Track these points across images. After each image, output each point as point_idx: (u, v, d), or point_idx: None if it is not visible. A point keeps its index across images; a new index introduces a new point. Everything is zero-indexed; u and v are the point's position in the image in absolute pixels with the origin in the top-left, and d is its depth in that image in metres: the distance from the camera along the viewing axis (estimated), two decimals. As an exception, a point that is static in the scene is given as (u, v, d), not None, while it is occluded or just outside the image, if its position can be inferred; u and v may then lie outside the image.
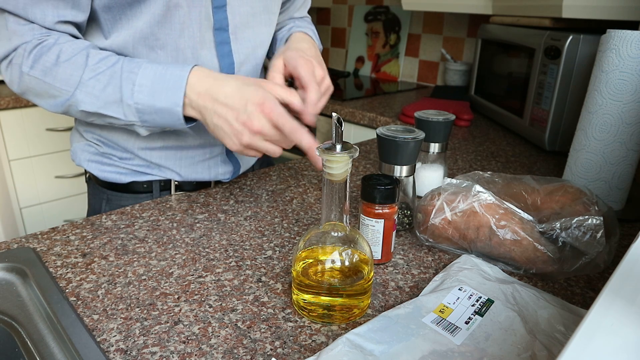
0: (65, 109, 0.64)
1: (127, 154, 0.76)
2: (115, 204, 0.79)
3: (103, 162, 0.77)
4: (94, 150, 0.77)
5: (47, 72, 0.61)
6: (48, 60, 0.60)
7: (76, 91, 0.61)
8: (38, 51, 0.60)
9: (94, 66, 0.61)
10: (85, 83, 0.61)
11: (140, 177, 0.78)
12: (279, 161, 1.05)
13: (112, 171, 0.77)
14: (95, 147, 0.77)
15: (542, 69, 1.04)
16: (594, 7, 0.95)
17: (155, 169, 0.77)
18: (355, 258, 0.49)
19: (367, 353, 0.41)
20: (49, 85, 0.61)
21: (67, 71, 0.61)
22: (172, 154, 0.76)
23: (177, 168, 0.77)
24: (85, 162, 0.78)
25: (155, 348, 0.44)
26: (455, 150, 1.06)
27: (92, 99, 0.62)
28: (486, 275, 0.54)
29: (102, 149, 0.76)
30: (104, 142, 0.76)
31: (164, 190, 0.79)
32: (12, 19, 0.59)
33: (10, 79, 0.64)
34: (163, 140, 0.75)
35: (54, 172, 1.82)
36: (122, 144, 0.75)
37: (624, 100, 0.69)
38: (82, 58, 0.61)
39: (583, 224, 0.55)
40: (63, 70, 0.61)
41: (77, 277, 0.55)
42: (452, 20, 1.89)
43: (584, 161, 0.75)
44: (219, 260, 0.59)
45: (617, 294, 0.32)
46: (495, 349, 0.43)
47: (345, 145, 0.45)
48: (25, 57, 0.61)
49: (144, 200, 0.79)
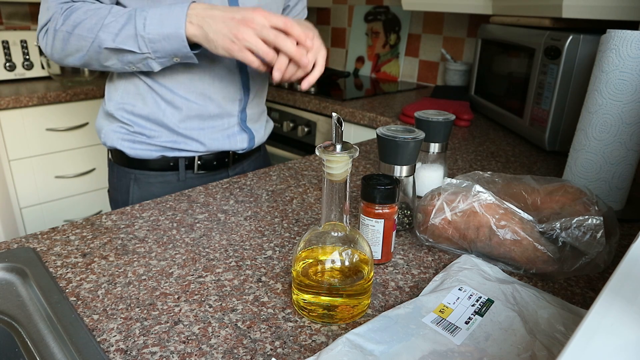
0: (91, 55, 0.76)
1: (156, 131, 0.86)
2: (144, 182, 0.90)
3: (135, 140, 0.87)
4: (125, 131, 0.87)
5: (75, 25, 0.74)
6: (77, 16, 0.74)
7: (99, 32, 0.73)
8: (68, 12, 0.74)
9: (114, 13, 0.74)
10: (107, 25, 0.73)
11: (168, 153, 0.88)
12: (279, 161, 1.05)
13: (143, 149, 0.87)
14: (126, 128, 0.87)
15: (542, 69, 1.04)
16: (594, 7, 0.95)
17: (181, 143, 0.87)
18: (355, 258, 0.49)
19: (367, 353, 0.41)
20: (77, 35, 0.74)
21: (92, 20, 0.73)
22: (197, 125, 0.88)
23: (201, 138, 0.88)
24: (117, 141, 0.87)
25: (155, 348, 0.44)
26: (455, 150, 1.06)
27: (112, 36, 0.73)
28: (486, 275, 0.54)
29: (133, 128, 0.86)
30: (135, 122, 0.86)
31: (188, 169, 0.90)
32: None
33: (46, 44, 0.78)
34: (189, 109, 0.86)
35: (54, 172, 1.82)
36: (153, 118, 0.85)
37: (624, 100, 0.69)
38: (105, 10, 0.74)
39: (583, 224, 0.55)
40: (89, 20, 0.73)
41: (77, 277, 0.55)
42: (452, 20, 1.89)
43: (584, 161, 0.75)
44: (219, 260, 0.59)
45: (617, 294, 0.32)
46: (495, 349, 0.43)
47: (345, 145, 0.45)
48: (58, 19, 0.75)
49: (170, 177, 0.90)
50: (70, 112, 1.79)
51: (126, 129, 0.87)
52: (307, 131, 1.67)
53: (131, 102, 0.86)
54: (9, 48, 1.81)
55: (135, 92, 0.85)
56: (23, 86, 1.79)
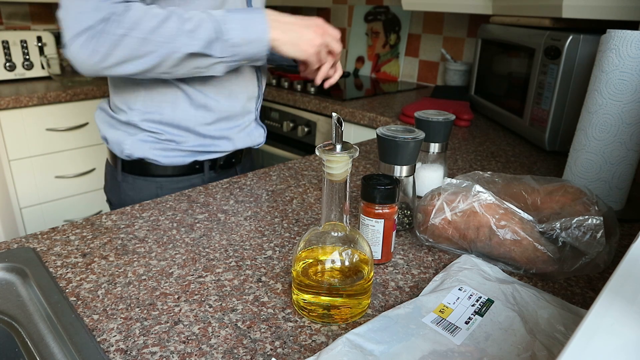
0: (161, 60, 0.72)
1: (183, 136, 0.86)
2: (169, 188, 0.89)
3: (166, 148, 0.86)
4: (155, 139, 0.85)
5: (152, 31, 0.70)
6: (145, 19, 0.70)
7: (180, 37, 0.71)
8: (131, 17, 0.69)
9: (185, 18, 0.72)
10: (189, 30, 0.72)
11: (198, 157, 0.89)
12: (279, 161, 1.06)
13: (175, 155, 0.87)
14: (155, 136, 0.85)
15: (542, 69, 1.04)
16: (594, 7, 0.95)
17: (209, 145, 0.89)
18: (355, 258, 0.49)
19: (367, 353, 0.41)
20: (151, 40, 0.70)
21: (169, 24, 0.71)
22: (225, 125, 0.90)
23: (231, 136, 0.91)
24: (149, 151, 0.86)
25: (155, 348, 0.44)
26: (455, 150, 1.06)
27: (197, 41, 0.72)
28: (486, 275, 0.54)
29: (163, 136, 0.85)
30: (164, 130, 0.85)
31: (211, 170, 0.92)
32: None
33: (92, 50, 0.69)
34: (220, 111, 0.87)
35: (54, 172, 1.82)
36: (182, 124, 0.85)
37: (624, 100, 0.69)
38: (175, 15, 0.72)
39: (583, 224, 0.55)
40: (166, 26, 0.70)
41: (77, 277, 0.55)
42: (452, 20, 1.89)
43: (584, 161, 0.75)
44: (219, 260, 0.59)
45: (617, 294, 0.32)
46: (495, 349, 0.43)
47: (345, 145, 0.45)
48: (121, 23, 0.68)
49: (195, 180, 0.91)
50: (70, 112, 1.79)
51: (155, 137, 0.85)
52: (307, 131, 1.67)
53: (158, 110, 0.84)
54: (9, 48, 1.81)
55: (161, 99, 0.84)
56: (23, 86, 1.79)
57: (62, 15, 0.69)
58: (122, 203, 0.91)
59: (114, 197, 0.94)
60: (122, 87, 0.85)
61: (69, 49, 0.70)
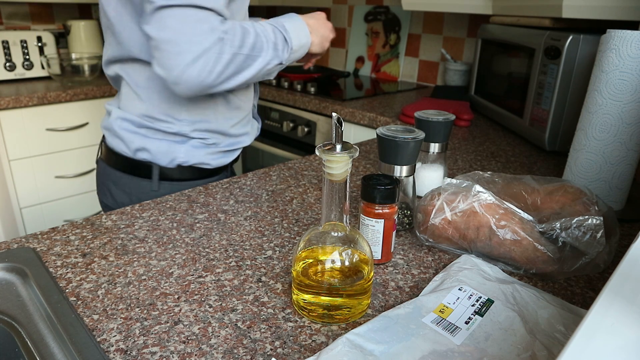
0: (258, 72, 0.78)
1: (218, 138, 0.90)
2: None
3: (214, 151, 0.91)
4: (204, 144, 0.89)
5: (252, 46, 0.76)
6: (248, 39, 0.75)
7: (270, 50, 0.78)
8: (236, 34, 0.74)
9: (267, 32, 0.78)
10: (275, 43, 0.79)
11: (230, 156, 0.95)
12: (279, 161, 1.06)
13: (219, 157, 0.92)
14: (204, 142, 0.89)
15: (542, 69, 1.04)
16: (594, 7, 0.95)
17: (235, 143, 0.94)
18: (355, 258, 0.49)
19: (367, 353, 0.41)
20: (253, 56, 0.76)
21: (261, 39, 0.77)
22: (246, 122, 0.96)
23: (248, 131, 0.97)
24: (204, 157, 0.90)
25: (155, 348, 0.44)
26: (455, 150, 1.06)
27: (279, 53, 0.80)
28: (486, 275, 0.54)
29: (209, 141, 0.89)
30: (208, 136, 0.89)
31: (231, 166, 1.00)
32: (211, 14, 0.70)
33: (211, 70, 0.72)
34: (246, 110, 0.94)
35: (54, 172, 1.82)
36: (219, 128, 0.89)
37: (624, 100, 0.69)
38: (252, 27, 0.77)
39: (583, 224, 0.55)
40: (259, 41, 0.77)
41: (77, 277, 0.55)
42: (452, 20, 1.89)
43: (584, 161, 0.75)
44: (219, 260, 0.59)
45: (617, 294, 0.32)
46: (495, 349, 0.43)
47: (345, 145, 0.45)
48: (232, 42, 0.73)
49: (222, 177, 0.96)
50: (70, 112, 1.79)
51: (203, 143, 0.89)
52: (307, 131, 1.67)
53: (205, 119, 0.87)
54: (9, 48, 1.81)
55: (205, 106, 0.86)
56: (23, 86, 1.79)
57: (170, 38, 0.68)
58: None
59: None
60: (163, 98, 0.84)
61: (185, 72, 0.70)
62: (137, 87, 0.84)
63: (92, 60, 1.93)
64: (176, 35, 0.68)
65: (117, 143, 0.88)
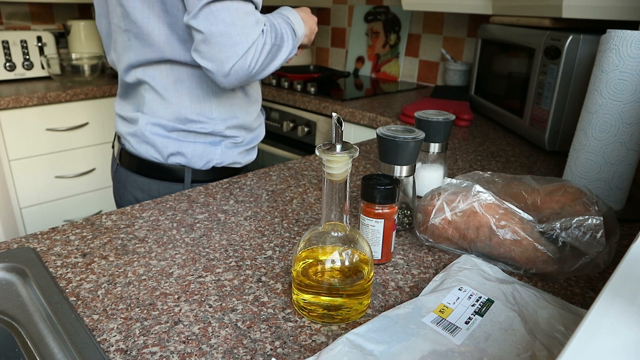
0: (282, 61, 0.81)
1: (244, 136, 0.92)
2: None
3: (244, 150, 0.94)
4: (234, 144, 0.91)
5: (280, 37, 0.79)
6: (278, 30, 0.79)
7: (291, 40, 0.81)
8: (271, 26, 0.78)
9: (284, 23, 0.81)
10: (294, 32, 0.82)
11: (255, 152, 0.98)
12: (279, 161, 1.06)
13: (246, 155, 0.95)
14: (234, 140, 0.91)
15: (542, 69, 1.04)
16: (594, 7, 0.95)
17: (256, 139, 0.97)
18: (355, 258, 0.49)
19: (367, 353, 0.41)
20: (281, 46, 0.79)
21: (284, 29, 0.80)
22: (260, 114, 0.98)
23: (262, 122, 0.99)
24: (236, 156, 0.92)
25: (155, 348, 0.44)
26: (455, 150, 1.06)
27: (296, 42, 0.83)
28: (486, 275, 0.54)
29: (238, 139, 0.91)
30: (239, 134, 0.91)
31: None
32: (254, 8, 0.74)
33: (257, 59, 0.75)
34: (260, 102, 0.96)
35: (54, 172, 1.82)
36: (248, 123, 0.92)
37: (624, 100, 0.69)
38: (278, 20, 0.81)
39: (583, 224, 0.55)
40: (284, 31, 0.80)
41: (77, 277, 0.55)
42: (452, 20, 1.89)
43: (584, 161, 0.75)
44: (219, 260, 0.59)
45: (617, 294, 0.32)
46: (495, 349, 0.43)
47: (345, 145, 0.45)
48: (271, 33, 0.77)
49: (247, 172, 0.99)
50: (70, 112, 1.79)
51: (234, 142, 0.91)
52: (307, 131, 1.67)
53: (233, 115, 0.89)
54: (9, 48, 1.81)
55: (230, 102, 0.88)
56: (23, 86, 1.79)
57: (223, 31, 0.71)
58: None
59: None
60: (193, 98, 0.84)
61: (237, 63, 0.73)
62: (165, 90, 0.83)
63: (92, 60, 1.93)
64: (228, 28, 0.71)
65: (146, 149, 0.86)
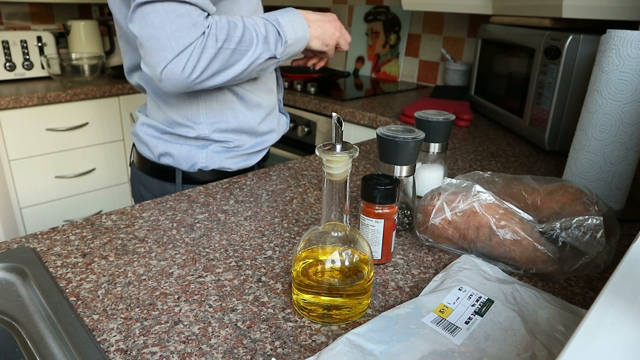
0: (247, 67, 0.76)
1: (242, 140, 0.90)
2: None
3: (236, 155, 0.90)
4: (225, 148, 0.89)
5: (239, 41, 0.73)
6: (235, 33, 0.73)
7: (260, 44, 0.75)
8: (222, 29, 0.71)
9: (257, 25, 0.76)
10: (266, 37, 0.76)
11: (254, 158, 0.94)
12: (279, 161, 1.06)
13: (241, 160, 0.91)
14: (225, 145, 0.88)
15: (542, 69, 1.04)
16: (594, 7, 0.95)
17: (261, 143, 0.93)
18: (355, 258, 0.49)
19: (367, 353, 0.41)
20: (241, 51, 0.74)
21: (249, 33, 0.74)
22: (271, 118, 0.95)
23: (275, 127, 0.96)
24: (224, 161, 0.89)
25: (155, 348, 0.44)
26: (455, 150, 1.06)
27: (270, 47, 0.77)
28: (486, 275, 0.54)
29: (232, 144, 0.89)
30: (231, 138, 0.88)
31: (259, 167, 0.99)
32: (192, 9, 0.68)
33: (195, 65, 0.70)
34: (267, 106, 0.92)
35: (54, 172, 1.82)
36: (243, 127, 0.89)
37: (624, 100, 0.69)
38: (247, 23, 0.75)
39: (583, 224, 0.55)
40: (247, 34, 0.74)
41: (77, 277, 0.55)
42: (452, 20, 1.89)
43: (584, 161, 0.75)
44: (219, 260, 0.59)
45: (617, 294, 0.32)
46: (495, 349, 0.43)
47: (345, 145, 0.45)
48: (217, 36, 0.71)
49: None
50: (70, 112, 1.79)
51: (225, 147, 0.88)
52: (307, 131, 1.67)
53: (223, 119, 0.86)
54: (9, 48, 1.81)
55: (220, 107, 0.85)
56: (23, 86, 1.79)
57: (151, 35, 0.67)
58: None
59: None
60: (180, 102, 0.84)
61: (167, 68, 0.68)
62: (155, 94, 0.85)
63: (92, 60, 1.93)
64: (157, 31, 0.67)
65: (143, 148, 0.90)
